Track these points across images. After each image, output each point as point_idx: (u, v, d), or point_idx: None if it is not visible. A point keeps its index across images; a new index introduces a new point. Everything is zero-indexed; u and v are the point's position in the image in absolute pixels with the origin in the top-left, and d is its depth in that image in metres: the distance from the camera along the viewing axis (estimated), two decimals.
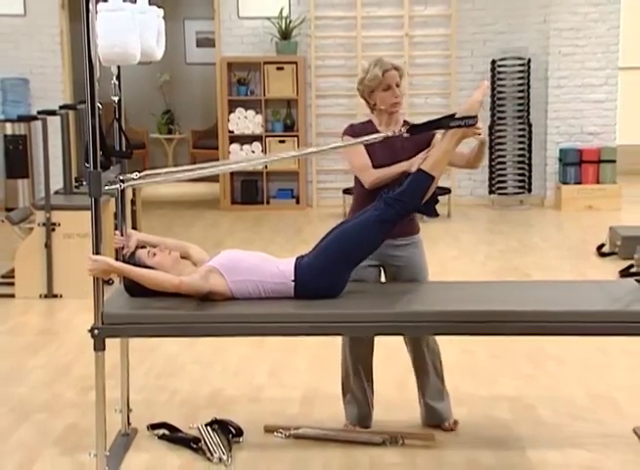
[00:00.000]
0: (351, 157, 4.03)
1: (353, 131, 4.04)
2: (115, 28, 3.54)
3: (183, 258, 3.93)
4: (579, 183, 10.12)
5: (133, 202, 7.68)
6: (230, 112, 10.42)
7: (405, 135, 3.80)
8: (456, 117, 3.77)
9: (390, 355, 4.51)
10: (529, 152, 10.32)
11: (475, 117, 3.75)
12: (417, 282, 4.07)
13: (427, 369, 4.14)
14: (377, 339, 4.13)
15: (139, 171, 3.78)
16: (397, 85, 3.99)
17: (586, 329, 3.67)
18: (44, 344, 5.59)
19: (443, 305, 3.72)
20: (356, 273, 3.88)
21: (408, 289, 3.98)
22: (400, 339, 4.14)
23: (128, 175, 3.74)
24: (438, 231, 8.92)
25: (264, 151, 10.39)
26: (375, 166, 3.96)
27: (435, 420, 4.15)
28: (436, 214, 3.99)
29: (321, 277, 3.73)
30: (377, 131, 3.97)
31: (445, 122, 3.78)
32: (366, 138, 3.82)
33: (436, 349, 4.15)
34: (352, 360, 4.15)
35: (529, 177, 10.37)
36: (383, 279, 4.17)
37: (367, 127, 4.05)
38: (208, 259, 3.83)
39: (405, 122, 3.98)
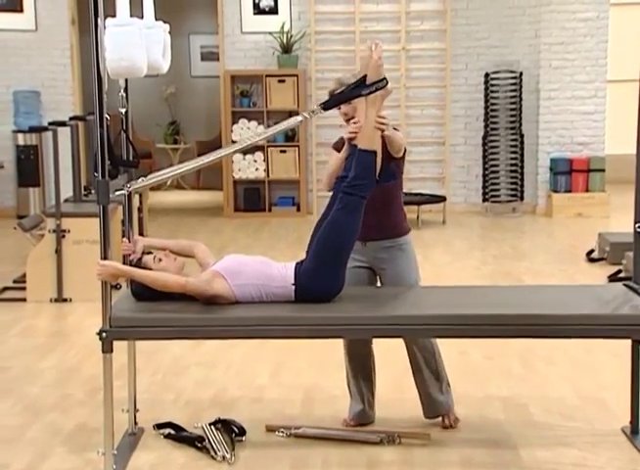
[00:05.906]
0: None
1: (335, 144, 4.18)
2: (123, 43, 3.59)
3: (189, 257, 3.99)
4: (570, 191, 10.24)
5: (140, 209, 7.73)
6: (233, 123, 10.52)
7: (320, 113, 3.75)
8: (366, 84, 3.71)
9: (388, 355, 4.54)
10: (522, 161, 10.43)
11: (384, 79, 3.71)
12: (413, 286, 4.11)
13: (420, 367, 4.20)
14: (374, 339, 4.20)
15: None
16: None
17: (576, 332, 3.70)
18: (55, 346, 5.65)
19: (439, 309, 3.74)
20: (349, 277, 3.92)
21: (404, 293, 4.02)
22: (397, 340, 4.16)
23: (134, 183, 3.76)
24: (433, 237, 9.01)
25: (266, 161, 10.52)
26: None
27: (433, 412, 4.21)
28: (395, 177, 3.94)
29: (318, 279, 3.75)
30: None
31: (357, 92, 3.72)
32: (284, 122, 3.77)
33: (430, 346, 4.18)
34: (349, 361, 4.25)
35: (522, 186, 10.47)
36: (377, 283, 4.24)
37: None
38: (212, 264, 3.86)
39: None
